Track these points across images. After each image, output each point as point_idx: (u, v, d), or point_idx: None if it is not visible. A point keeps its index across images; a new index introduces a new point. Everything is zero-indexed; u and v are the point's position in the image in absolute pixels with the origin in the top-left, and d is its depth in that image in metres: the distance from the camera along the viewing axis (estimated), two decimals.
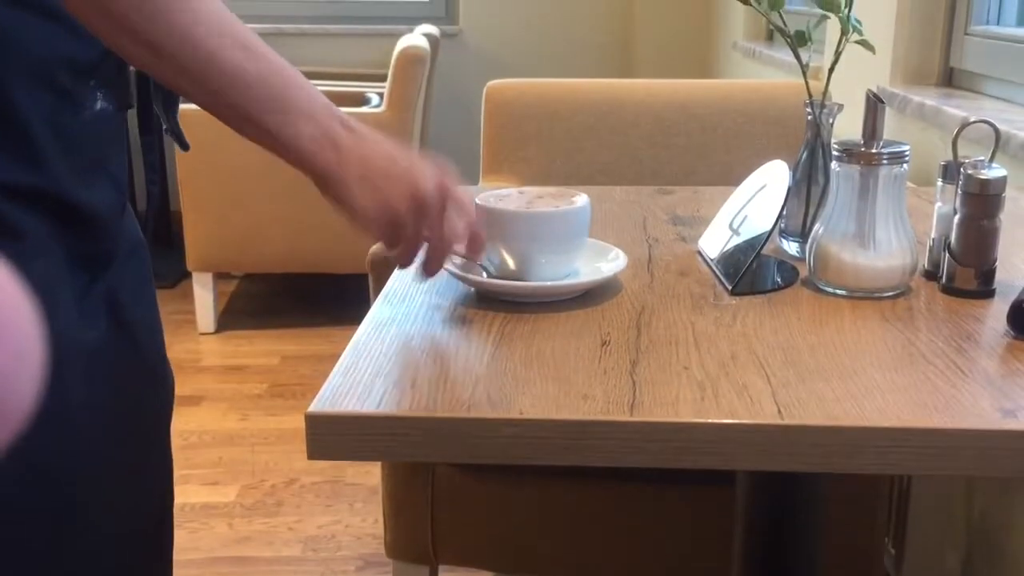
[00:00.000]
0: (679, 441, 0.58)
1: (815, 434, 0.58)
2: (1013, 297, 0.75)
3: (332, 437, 0.59)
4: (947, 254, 0.85)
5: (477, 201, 0.82)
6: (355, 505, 2.02)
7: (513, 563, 1.50)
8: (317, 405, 0.59)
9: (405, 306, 0.79)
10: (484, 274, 0.83)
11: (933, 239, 0.90)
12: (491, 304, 0.79)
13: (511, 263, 0.82)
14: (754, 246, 0.88)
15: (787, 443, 0.58)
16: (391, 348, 0.70)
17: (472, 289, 0.83)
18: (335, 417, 0.59)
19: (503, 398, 0.61)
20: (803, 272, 0.90)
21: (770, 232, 0.87)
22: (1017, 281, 0.87)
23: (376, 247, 1.46)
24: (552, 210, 0.81)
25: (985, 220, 0.83)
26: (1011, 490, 1.33)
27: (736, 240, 0.92)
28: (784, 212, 0.91)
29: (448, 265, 0.83)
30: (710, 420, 0.58)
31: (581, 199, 0.83)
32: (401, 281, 0.86)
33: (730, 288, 0.85)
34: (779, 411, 0.59)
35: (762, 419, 0.58)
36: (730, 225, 0.95)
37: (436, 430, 0.59)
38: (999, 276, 0.84)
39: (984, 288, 0.83)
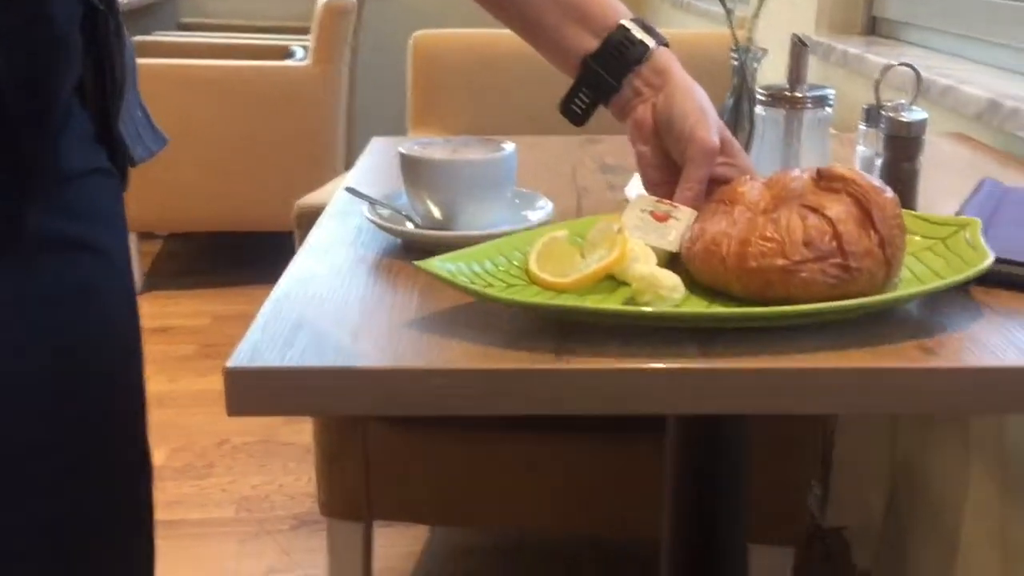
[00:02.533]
0: (605, 387, 0.58)
1: (738, 376, 0.58)
2: None
3: (253, 392, 0.57)
4: None
5: (400, 150, 0.81)
6: (288, 464, 2.01)
7: (449, 516, 1.50)
8: (236, 360, 0.58)
9: (328, 259, 0.77)
10: (409, 224, 0.82)
11: None
12: (417, 255, 0.78)
13: (437, 213, 0.80)
14: None
15: (711, 386, 0.58)
16: (313, 301, 0.68)
17: (398, 240, 0.82)
18: (255, 372, 0.57)
19: (430, 348, 0.60)
20: None
21: None
22: None
23: (304, 201, 1.43)
24: (477, 158, 0.80)
25: (906, 163, 0.84)
26: (932, 427, 1.37)
27: None
28: None
29: (372, 216, 0.81)
30: (635, 366, 0.58)
31: (507, 147, 0.82)
32: (324, 234, 0.84)
33: None
34: (703, 354, 0.59)
35: (686, 363, 0.58)
36: None
37: (361, 382, 0.58)
38: None
39: None
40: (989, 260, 0.66)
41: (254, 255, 3.10)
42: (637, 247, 0.68)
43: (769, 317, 0.62)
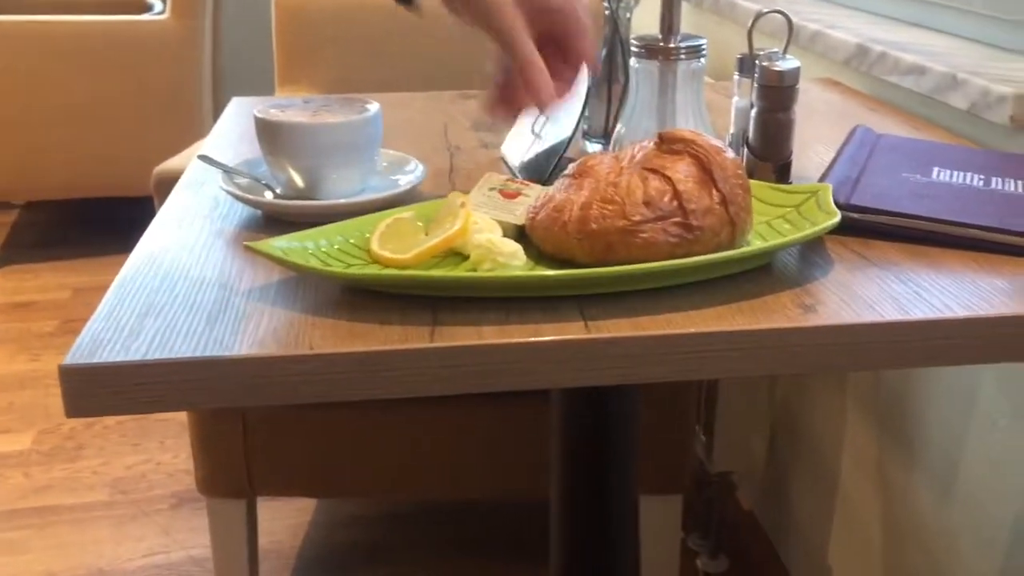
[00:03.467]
0: (483, 365, 0.55)
1: (621, 346, 0.56)
2: None
3: (94, 391, 0.52)
4: (746, 149, 0.84)
5: (256, 114, 0.75)
6: (165, 441, 1.92)
7: (334, 488, 1.46)
8: (74, 356, 0.52)
9: (182, 233, 0.72)
10: (269, 194, 0.77)
11: (732, 134, 0.89)
12: (280, 227, 0.73)
13: (299, 181, 0.75)
14: (556, 150, 0.84)
15: (594, 357, 0.56)
16: (164, 283, 0.62)
17: (259, 212, 0.76)
18: (95, 369, 0.51)
19: (291, 332, 0.56)
20: None
21: (572, 135, 0.84)
22: (810, 173, 0.88)
23: (163, 167, 1.35)
24: (340, 120, 0.75)
25: (780, 113, 0.82)
26: (809, 376, 1.39)
27: (539, 145, 0.89)
28: (586, 113, 0.88)
29: (228, 186, 0.75)
30: (515, 340, 0.55)
31: (372, 107, 0.77)
32: (177, 206, 0.77)
33: None
34: (586, 325, 0.57)
35: (568, 335, 0.56)
36: (532, 129, 0.91)
37: (216, 374, 0.53)
38: (794, 169, 0.85)
39: (782, 182, 0.83)
40: (835, 219, 0.66)
41: (117, 223, 2.95)
42: (481, 220, 0.65)
43: (609, 278, 0.60)
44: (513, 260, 0.62)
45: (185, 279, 0.63)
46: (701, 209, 0.63)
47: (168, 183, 1.26)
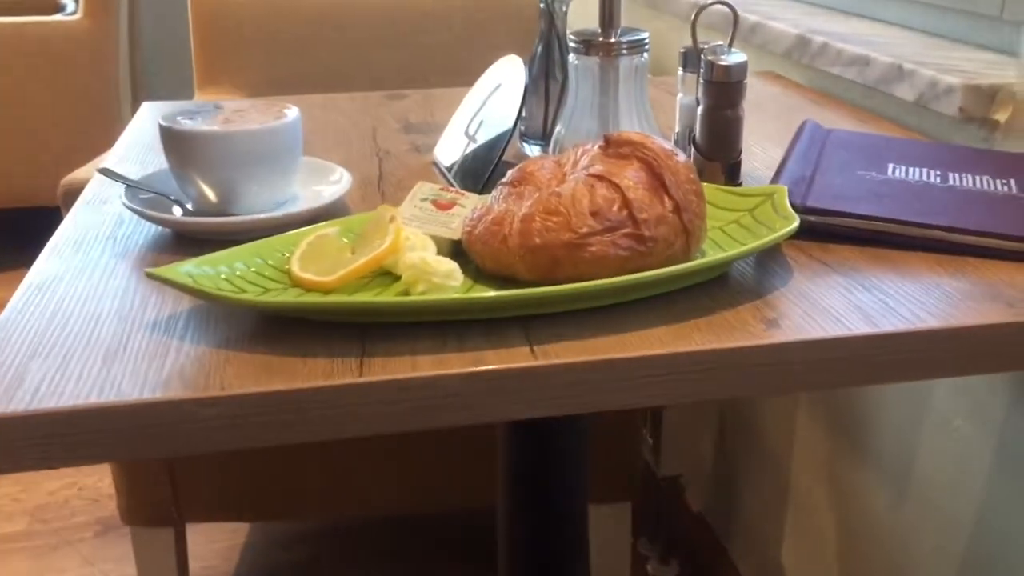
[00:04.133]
0: (419, 400, 0.49)
1: (572, 372, 0.51)
2: None
3: None
4: (693, 148, 0.80)
5: (160, 122, 0.68)
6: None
7: (268, 511, 1.39)
8: None
9: (79, 258, 0.64)
10: (179, 210, 0.70)
11: (677, 132, 0.84)
12: (190, 247, 0.66)
13: (212, 195, 0.68)
14: (493, 154, 0.79)
15: (542, 387, 0.50)
16: (56, 318, 0.55)
17: (168, 230, 0.69)
18: None
19: (201, 371, 0.49)
20: None
21: (509, 136, 0.79)
22: (761, 172, 0.84)
23: (71, 177, 1.26)
24: (254, 128, 0.68)
25: (729, 110, 0.78)
26: None
27: (473, 147, 0.83)
28: (523, 113, 0.83)
29: (130, 202, 0.68)
30: (454, 371, 0.49)
31: (290, 112, 0.71)
32: (75, 226, 0.70)
33: None
34: (532, 350, 0.51)
35: (514, 362, 0.50)
36: (466, 132, 0.86)
37: (112, 424, 0.46)
38: (743, 169, 0.80)
39: (732, 183, 0.79)
40: (794, 224, 0.62)
41: (32, 233, 2.81)
42: (413, 236, 0.59)
43: (556, 297, 0.55)
44: (449, 280, 0.56)
45: (80, 312, 0.56)
46: (653, 218, 0.58)
47: (77, 193, 1.17)
